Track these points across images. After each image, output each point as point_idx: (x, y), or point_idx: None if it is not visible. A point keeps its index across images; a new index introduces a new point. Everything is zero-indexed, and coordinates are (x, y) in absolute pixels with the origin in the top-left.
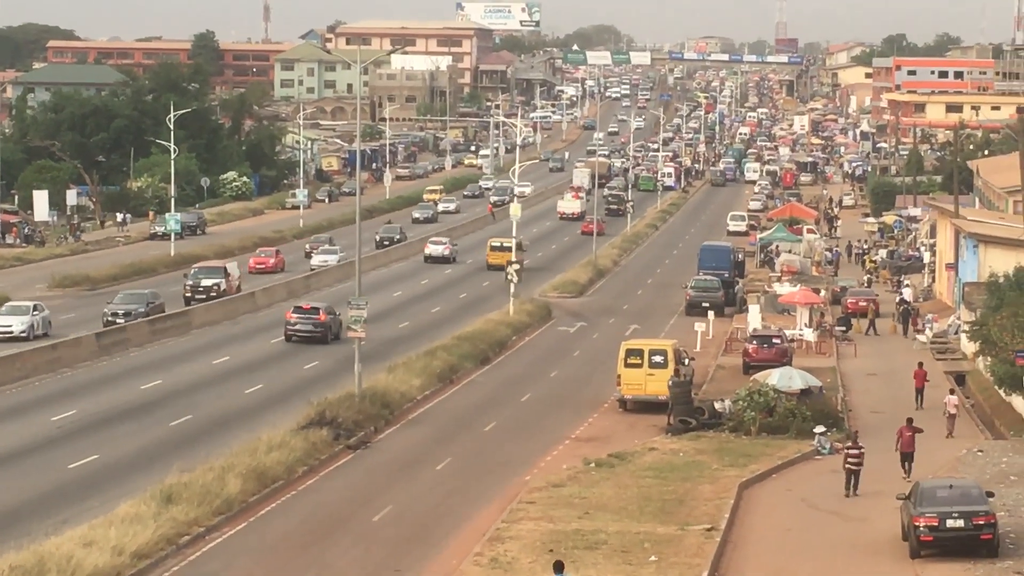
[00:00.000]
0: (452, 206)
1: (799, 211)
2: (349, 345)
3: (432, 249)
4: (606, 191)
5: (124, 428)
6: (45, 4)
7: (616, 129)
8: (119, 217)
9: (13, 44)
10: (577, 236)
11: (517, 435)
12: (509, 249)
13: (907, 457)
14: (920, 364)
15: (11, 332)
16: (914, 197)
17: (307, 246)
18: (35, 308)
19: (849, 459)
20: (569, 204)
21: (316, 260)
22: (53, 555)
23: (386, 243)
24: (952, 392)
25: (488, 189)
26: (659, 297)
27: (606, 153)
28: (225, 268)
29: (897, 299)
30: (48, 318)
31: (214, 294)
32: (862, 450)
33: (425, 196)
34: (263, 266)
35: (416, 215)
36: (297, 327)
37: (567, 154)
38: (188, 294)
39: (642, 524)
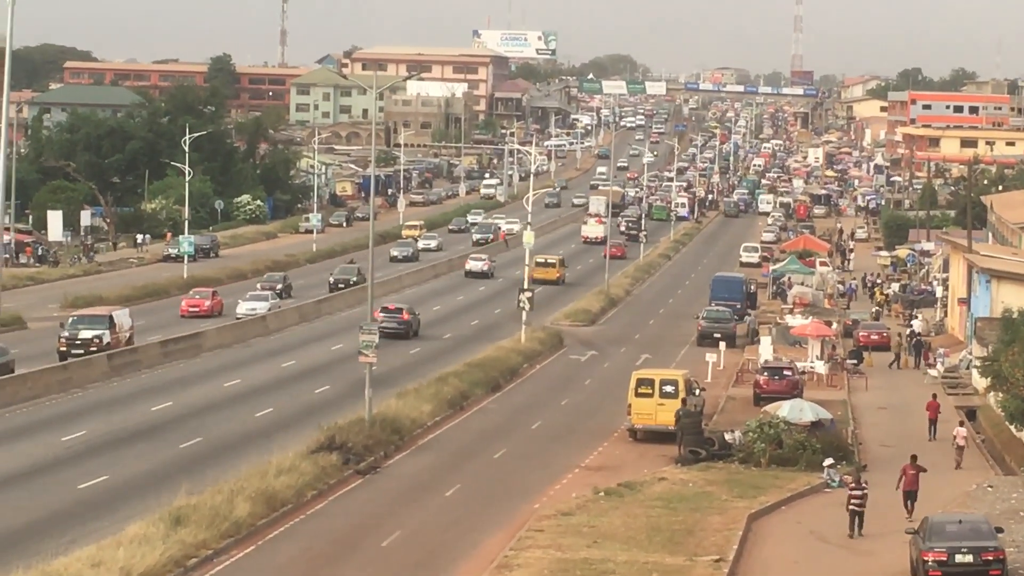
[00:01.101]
0: (433, 243)
1: (812, 243)
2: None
3: (472, 265)
4: (621, 218)
5: (134, 449)
6: (62, 25)
7: (625, 164)
8: (138, 238)
9: (30, 64)
10: (591, 263)
11: (527, 463)
12: (553, 265)
13: (910, 496)
14: (934, 396)
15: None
16: (927, 231)
17: (258, 285)
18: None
19: (853, 500)
20: (593, 229)
21: (243, 308)
22: (62, 575)
23: (341, 286)
24: (961, 424)
25: (474, 224)
26: (671, 327)
27: (609, 187)
28: (111, 317)
29: (907, 332)
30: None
31: (94, 348)
32: (865, 490)
33: (404, 233)
34: (197, 309)
35: (394, 253)
36: (384, 324)
37: (559, 189)
38: (63, 348)
39: (651, 554)
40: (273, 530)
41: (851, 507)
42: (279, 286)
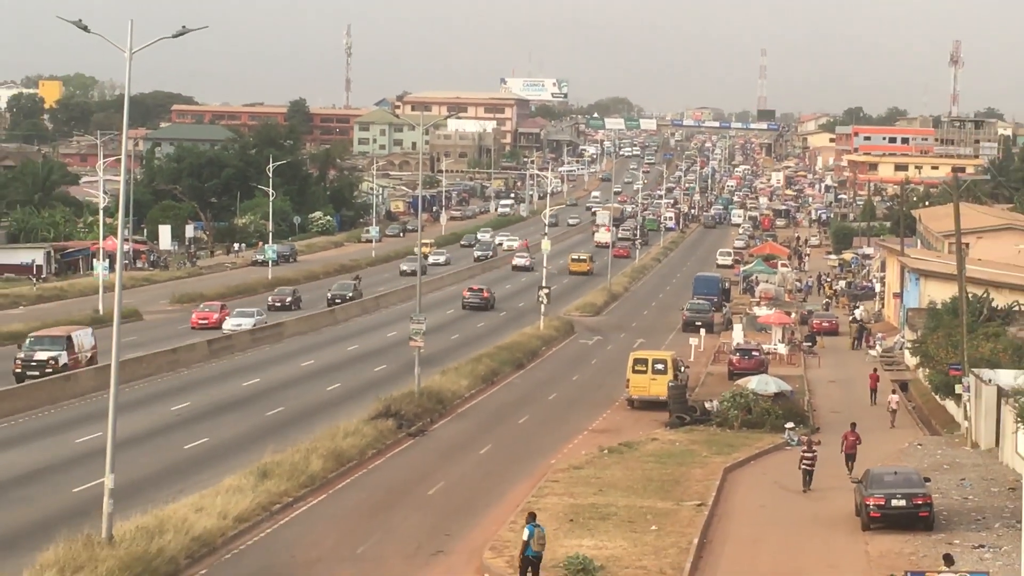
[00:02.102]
0: (442, 258)
1: (775, 249)
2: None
3: (517, 261)
4: (621, 229)
5: (229, 417)
6: (170, 75)
7: (619, 189)
8: (235, 246)
9: (144, 107)
10: (596, 265)
11: (545, 426)
12: (584, 261)
13: (850, 457)
14: (875, 369)
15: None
16: (868, 239)
17: (269, 298)
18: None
19: (804, 460)
20: (603, 236)
21: (229, 324)
22: (171, 518)
23: (338, 300)
24: (894, 392)
25: (480, 241)
26: (661, 317)
27: (610, 205)
28: (69, 338)
29: (850, 319)
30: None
31: (50, 370)
32: (815, 453)
33: (415, 249)
34: (206, 321)
35: (404, 267)
36: (470, 300)
37: (549, 212)
38: (18, 370)
39: (645, 500)
40: (341, 481)
41: (803, 466)
42: (288, 299)
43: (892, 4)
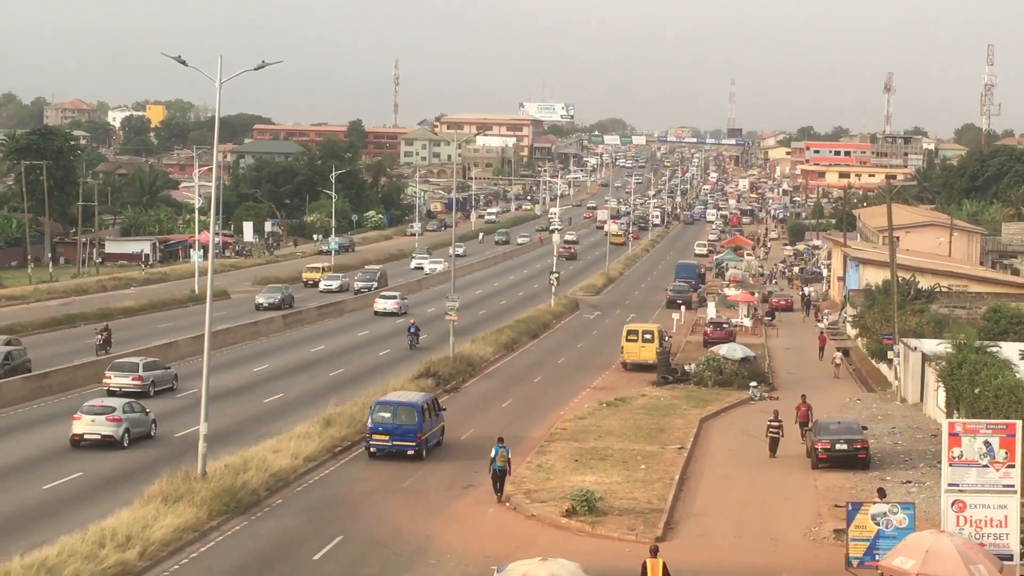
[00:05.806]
0: (335, 284)
1: (741, 241)
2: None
3: (563, 251)
4: (618, 223)
5: (300, 377)
6: (252, 99)
7: (597, 203)
8: (314, 237)
9: (231, 127)
10: (597, 254)
11: (555, 385)
12: (621, 235)
13: (803, 425)
14: (822, 332)
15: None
16: (817, 233)
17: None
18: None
19: (771, 429)
20: (612, 227)
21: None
22: (253, 458)
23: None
24: (838, 351)
25: (365, 270)
26: (649, 296)
27: (559, 225)
28: None
29: (800, 295)
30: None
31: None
32: (781, 423)
33: (304, 275)
34: None
35: (260, 301)
36: (563, 252)
37: (508, 232)
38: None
39: (636, 444)
40: None
41: (769, 435)
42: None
43: (837, 41)
